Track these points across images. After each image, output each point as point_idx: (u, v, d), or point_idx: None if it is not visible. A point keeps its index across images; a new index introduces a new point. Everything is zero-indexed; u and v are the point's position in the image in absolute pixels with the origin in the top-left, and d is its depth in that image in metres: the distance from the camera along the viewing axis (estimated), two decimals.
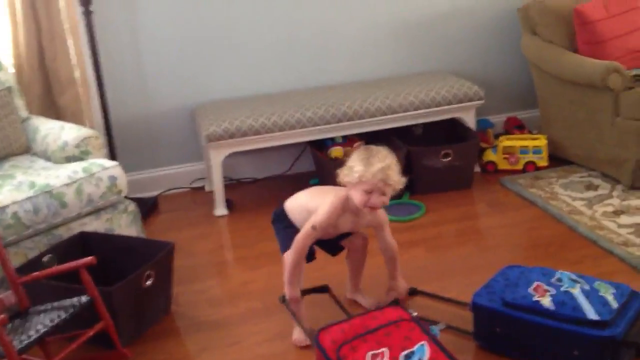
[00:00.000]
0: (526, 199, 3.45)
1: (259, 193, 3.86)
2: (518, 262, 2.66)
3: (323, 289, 2.68)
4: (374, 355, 2.03)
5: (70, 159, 3.05)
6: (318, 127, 3.55)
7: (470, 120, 3.78)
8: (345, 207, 2.37)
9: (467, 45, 4.14)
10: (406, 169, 3.54)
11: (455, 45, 4.13)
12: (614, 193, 3.42)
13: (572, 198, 3.40)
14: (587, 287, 2.27)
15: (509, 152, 3.79)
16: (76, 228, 2.88)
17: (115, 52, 3.67)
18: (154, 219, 3.65)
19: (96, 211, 2.95)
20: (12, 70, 3.41)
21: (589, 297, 2.22)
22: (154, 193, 3.88)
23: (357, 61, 3.99)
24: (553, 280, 2.32)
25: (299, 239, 2.37)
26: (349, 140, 3.74)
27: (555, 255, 2.92)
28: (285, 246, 2.47)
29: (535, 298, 2.23)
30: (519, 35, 4.03)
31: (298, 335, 2.50)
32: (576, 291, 2.24)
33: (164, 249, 2.71)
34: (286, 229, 2.50)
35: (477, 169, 3.82)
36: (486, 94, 3.80)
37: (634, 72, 3.52)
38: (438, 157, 3.56)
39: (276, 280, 2.88)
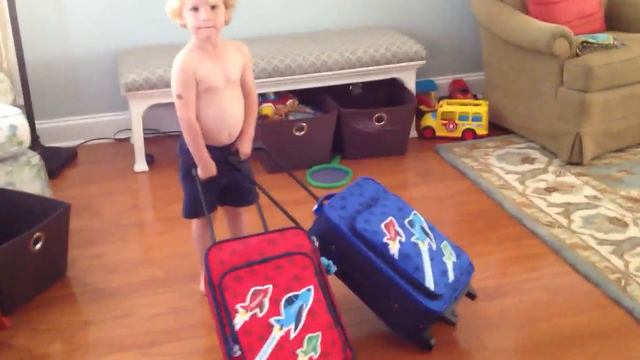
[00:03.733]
0: (458, 170, 3.30)
1: None
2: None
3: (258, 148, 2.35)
4: (256, 292, 1.91)
5: None
6: None
7: (409, 81, 3.59)
8: (194, 53, 2.14)
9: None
10: (337, 132, 3.40)
11: None
12: (550, 168, 3.28)
13: (505, 171, 3.26)
14: (434, 245, 2.18)
15: (447, 117, 3.62)
16: None
17: None
18: (70, 171, 3.45)
19: None
20: None
21: (433, 260, 2.13)
22: (75, 142, 3.67)
23: (293, 11, 3.76)
24: (406, 221, 2.19)
25: (179, 117, 2.14)
26: (281, 97, 3.54)
27: (479, 234, 2.79)
28: (185, 210, 2.34)
29: (385, 240, 2.09)
30: None
31: None
32: (424, 247, 2.14)
33: (58, 209, 2.53)
34: (186, 177, 2.27)
35: (415, 134, 3.65)
36: (432, 53, 3.61)
37: (583, 38, 3.33)
38: (371, 121, 3.38)
39: (183, 248, 2.74)
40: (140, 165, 3.41)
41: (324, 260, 2.07)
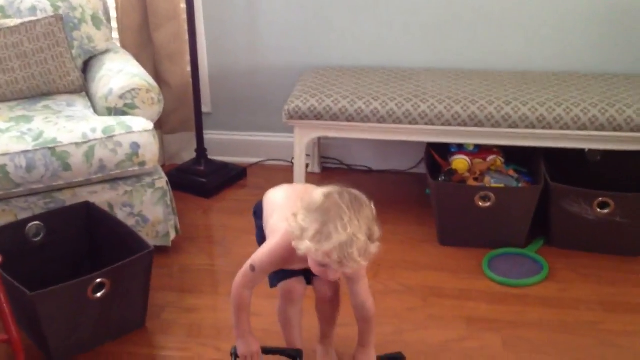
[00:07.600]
0: None
1: (367, 187, 3.04)
2: None
3: (294, 355, 1.89)
4: None
5: (111, 111, 2.56)
6: (432, 127, 2.62)
7: None
8: (292, 252, 1.66)
9: None
10: (544, 210, 2.53)
11: None
12: None
13: None
14: None
15: None
16: (84, 195, 2.42)
17: None
18: (231, 192, 3.08)
19: (112, 180, 2.45)
20: None
21: None
22: (247, 160, 3.30)
23: (536, 43, 2.93)
24: None
25: (235, 280, 1.77)
26: (482, 151, 2.75)
27: None
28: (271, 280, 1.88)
29: None
30: None
31: None
32: None
33: (138, 253, 2.12)
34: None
35: None
36: None
37: None
38: (591, 206, 2.44)
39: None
40: None
41: None
